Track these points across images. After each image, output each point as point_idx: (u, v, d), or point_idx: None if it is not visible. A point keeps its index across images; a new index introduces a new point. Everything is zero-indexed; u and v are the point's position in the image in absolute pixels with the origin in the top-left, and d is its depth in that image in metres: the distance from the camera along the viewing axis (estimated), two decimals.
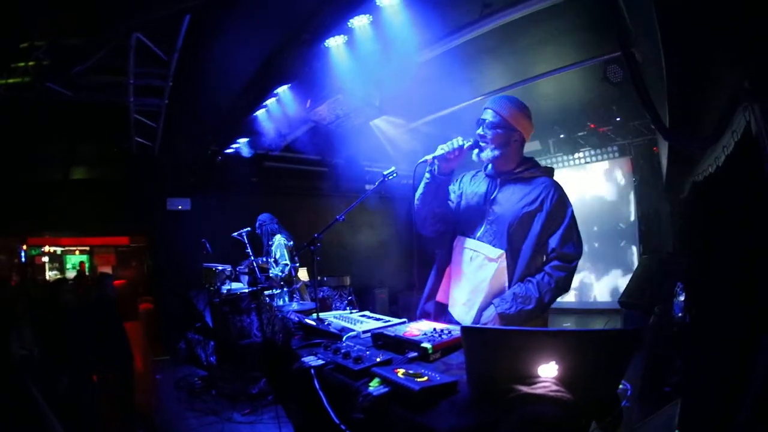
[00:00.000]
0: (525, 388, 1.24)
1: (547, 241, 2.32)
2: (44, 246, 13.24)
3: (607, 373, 1.34)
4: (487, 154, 2.38)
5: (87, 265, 13.61)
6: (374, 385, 1.57)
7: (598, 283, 9.14)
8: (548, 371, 1.31)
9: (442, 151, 2.32)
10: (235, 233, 5.63)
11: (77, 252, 14.02)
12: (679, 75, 2.22)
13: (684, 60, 2.11)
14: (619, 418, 1.50)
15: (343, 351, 1.99)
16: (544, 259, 2.36)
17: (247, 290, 5.49)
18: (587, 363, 1.30)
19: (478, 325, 2.29)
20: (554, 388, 1.24)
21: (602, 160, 9.16)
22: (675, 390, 3.63)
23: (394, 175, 2.70)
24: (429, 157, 2.38)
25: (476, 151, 2.41)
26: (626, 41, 2.23)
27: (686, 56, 2.09)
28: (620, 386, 1.44)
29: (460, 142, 2.32)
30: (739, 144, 2.10)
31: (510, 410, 1.20)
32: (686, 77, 2.24)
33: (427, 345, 1.88)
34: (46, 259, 13.27)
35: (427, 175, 2.44)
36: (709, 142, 2.03)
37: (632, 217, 8.75)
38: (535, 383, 1.27)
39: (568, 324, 8.60)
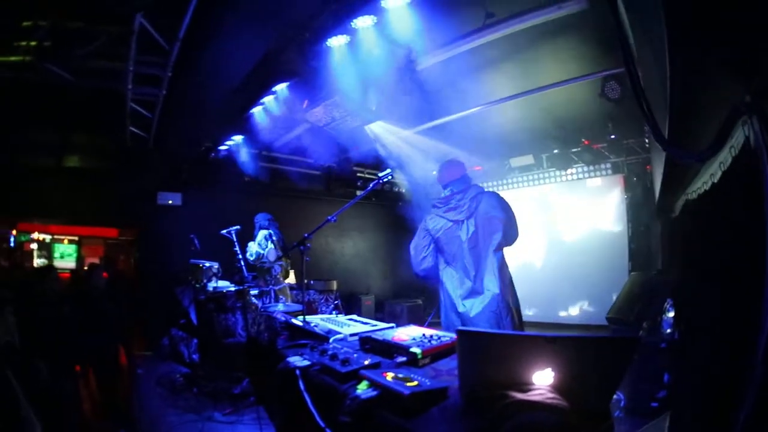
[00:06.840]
0: (520, 395, 1.20)
1: None
2: (34, 233, 13.08)
3: (604, 381, 1.30)
4: None
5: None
6: (362, 388, 1.53)
7: (587, 299, 9.14)
8: (543, 378, 1.27)
9: None
10: (224, 231, 5.56)
11: (66, 241, 13.82)
12: (682, 87, 2.22)
13: (687, 72, 2.11)
14: (611, 429, 1.47)
15: (330, 352, 1.94)
16: None
17: (233, 288, 5.41)
18: (585, 370, 1.26)
19: (474, 329, 2.27)
20: (550, 395, 1.21)
21: (594, 176, 9.21)
22: (661, 405, 3.62)
23: (391, 177, 2.87)
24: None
25: None
26: (628, 51, 2.23)
27: (689, 68, 2.08)
28: (614, 396, 1.41)
29: None
30: (737, 159, 2.08)
31: (504, 417, 1.16)
32: (688, 89, 2.24)
33: (416, 350, 1.85)
34: (34, 246, 13.08)
35: None
36: (708, 155, 2.02)
37: (622, 235, 8.78)
38: (530, 390, 1.24)
39: None
